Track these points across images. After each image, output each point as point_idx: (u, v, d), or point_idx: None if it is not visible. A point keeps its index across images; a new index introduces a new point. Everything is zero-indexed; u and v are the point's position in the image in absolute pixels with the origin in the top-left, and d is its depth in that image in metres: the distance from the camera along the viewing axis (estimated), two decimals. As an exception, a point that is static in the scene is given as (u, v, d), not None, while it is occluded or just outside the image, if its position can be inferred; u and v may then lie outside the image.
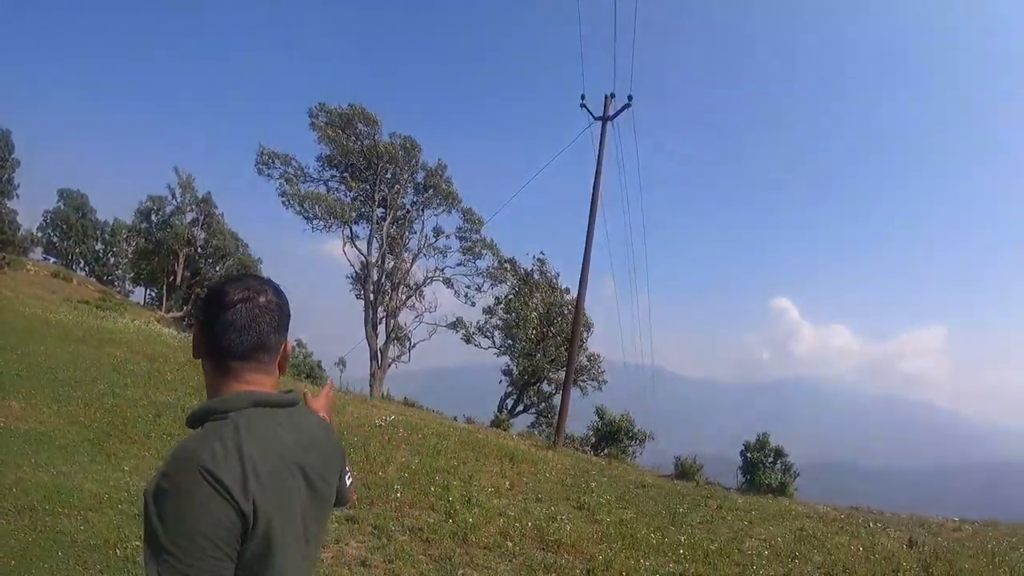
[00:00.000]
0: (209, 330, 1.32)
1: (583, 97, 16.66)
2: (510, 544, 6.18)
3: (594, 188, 16.24)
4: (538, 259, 30.39)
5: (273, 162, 30.35)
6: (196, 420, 1.28)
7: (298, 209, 29.36)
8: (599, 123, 16.69)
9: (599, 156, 16.27)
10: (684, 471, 15.07)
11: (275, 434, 1.27)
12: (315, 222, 29.71)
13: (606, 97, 16.57)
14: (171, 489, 1.12)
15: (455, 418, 19.90)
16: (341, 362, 30.69)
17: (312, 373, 26.85)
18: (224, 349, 1.30)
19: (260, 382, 1.32)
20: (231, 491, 1.13)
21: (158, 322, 27.89)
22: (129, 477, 6.36)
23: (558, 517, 7.47)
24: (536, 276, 29.97)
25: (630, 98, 16.45)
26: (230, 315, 1.29)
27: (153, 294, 51.08)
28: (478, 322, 31.20)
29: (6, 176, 38.54)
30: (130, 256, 52.89)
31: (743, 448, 15.57)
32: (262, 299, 1.32)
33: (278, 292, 1.38)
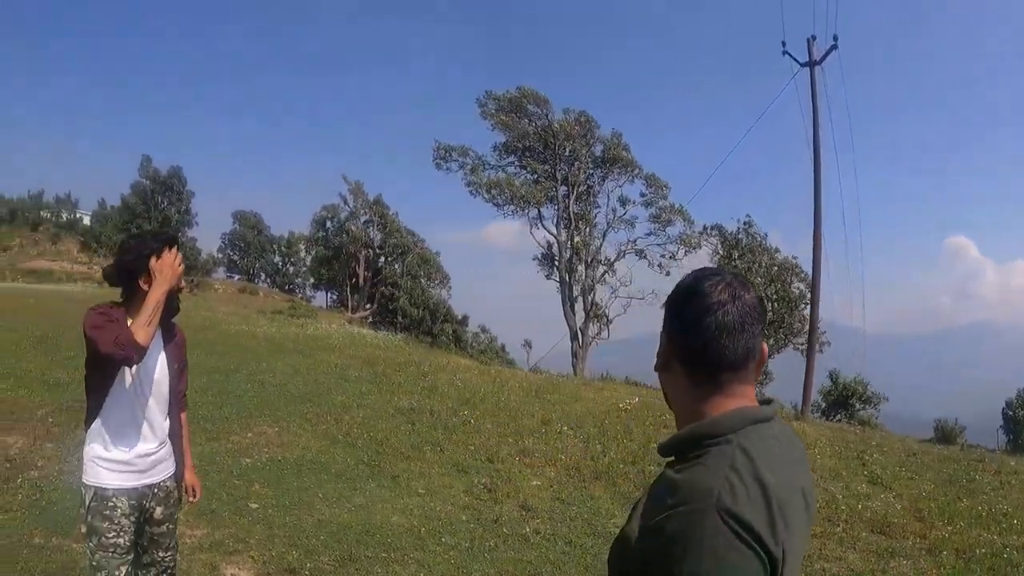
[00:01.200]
0: (692, 337, 1.15)
1: (784, 44, 16.51)
2: (839, 529, 6.18)
3: (814, 140, 15.88)
4: (744, 222, 29.22)
5: (450, 155, 32.12)
6: (682, 447, 1.13)
7: (486, 197, 30.73)
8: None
9: (814, 105, 16.12)
10: (945, 435, 15.60)
11: (779, 456, 1.10)
12: (505, 208, 30.97)
13: (809, 40, 16.28)
14: (684, 539, 0.97)
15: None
16: (527, 344, 31.77)
17: (499, 357, 26.60)
18: (713, 359, 1.13)
19: (747, 394, 1.17)
20: (762, 539, 0.97)
21: (349, 323, 29.51)
22: (430, 502, 6.10)
23: (868, 495, 7.39)
24: (744, 239, 28.75)
25: (836, 39, 16.16)
26: (719, 317, 1.12)
27: (334, 297, 54.13)
28: None
29: (184, 207, 45.62)
30: (309, 264, 58.18)
31: (1005, 406, 15.34)
32: (748, 296, 1.15)
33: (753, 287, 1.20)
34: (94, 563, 2.54)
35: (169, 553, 2.76)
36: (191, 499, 3.00)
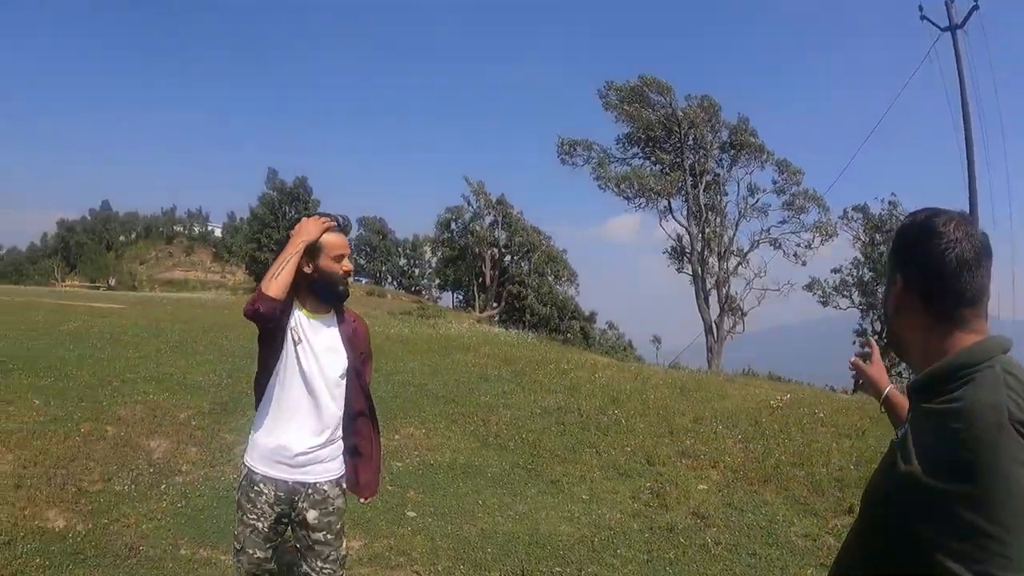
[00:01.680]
0: (934, 273, 1.21)
1: (921, 8, 16.23)
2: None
3: (963, 109, 15.39)
4: (889, 202, 28.95)
5: (575, 149, 32.64)
6: (936, 383, 1.18)
7: (615, 191, 31.09)
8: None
9: (959, 72, 15.70)
10: None
11: None
12: (635, 201, 31.38)
13: (947, 3, 16.04)
14: (985, 458, 1.02)
15: (831, 388, 17.81)
16: (656, 340, 32.76)
17: (627, 353, 26.93)
18: (954, 294, 1.20)
19: (985, 330, 1.22)
20: None
21: (478, 322, 30.07)
22: (596, 508, 5.90)
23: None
24: (890, 221, 28.27)
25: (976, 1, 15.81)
26: (958, 253, 1.18)
27: (460, 297, 57.39)
28: (829, 281, 31.50)
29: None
30: (435, 265, 61.76)
31: None
32: (977, 233, 1.20)
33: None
34: (235, 533, 2.62)
35: (329, 566, 2.63)
36: (360, 500, 2.89)
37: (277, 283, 2.38)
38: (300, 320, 2.60)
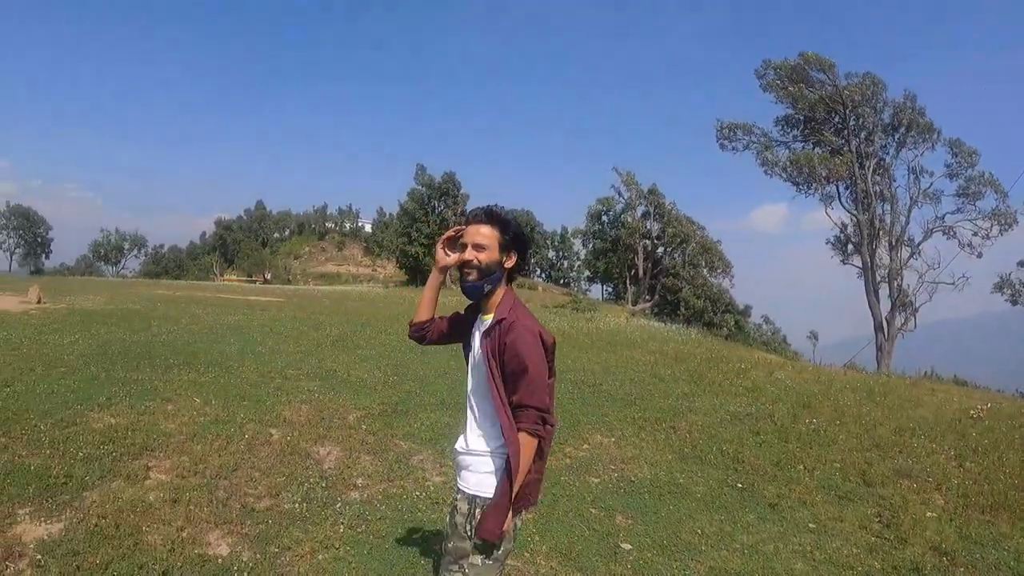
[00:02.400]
0: None
1: None
2: None
3: None
4: None
5: (735, 134, 32.37)
6: None
7: (783, 176, 30.55)
8: None
9: None
10: None
11: None
12: (804, 186, 30.64)
13: None
14: None
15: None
16: (813, 335, 32.75)
17: (779, 349, 25.91)
18: None
19: None
20: None
21: (632, 316, 29.78)
22: (827, 540, 5.20)
23: None
24: None
25: None
26: None
27: (609, 290, 57.95)
28: (1016, 277, 29.77)
29: (460, 210, 48.40)
30: (584, 257, 62.04)
31: None
32: None
33: None
34: None
35: None
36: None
37: (417, 309, 2.72)
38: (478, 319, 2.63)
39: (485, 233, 2.48)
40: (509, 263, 2.53)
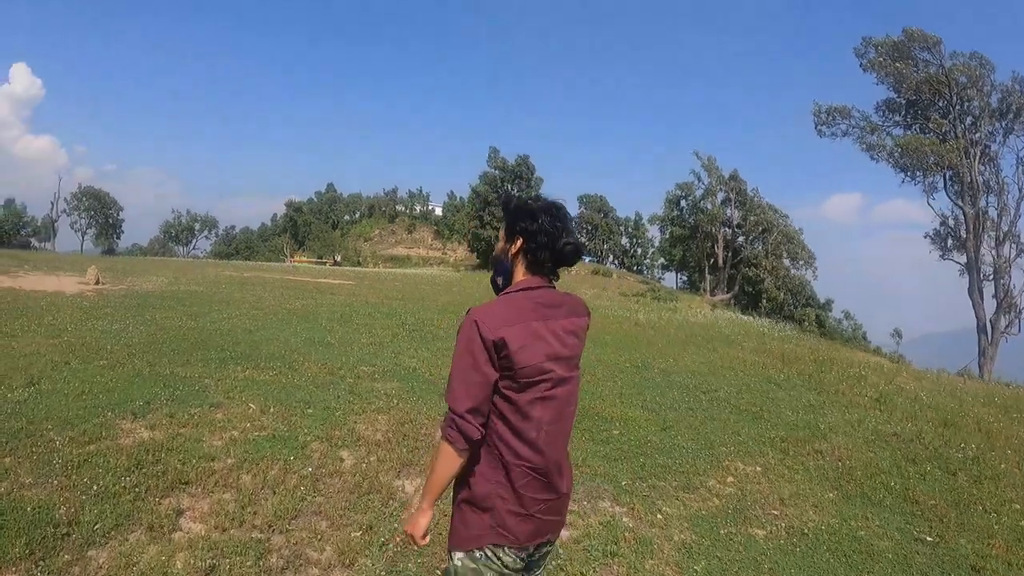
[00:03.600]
0: None
1: None
2: None
3: None
4: None
5: (834, 118, 31.48)
6: None
7: (892, 161, 29.60)
8: None
9: None
10: None
11: None
12: (911, 174, 29.66)
13: None
14: None
15: None
16: (896, 333, 32.50)
17: (865, 347, 26.00)
18: None
19: None
20: None
21: (713, 308, 28.92)
22: None
23: None
24: None
25: None
26: None
27: (684, 279, 56.93)
28: None
29: (534, 194, 47.39)
30: (659, 244, 61.03)
31: None
32: None
33: None
34: None
35: None
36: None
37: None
38: None
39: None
40: (514, 248, 2.17)
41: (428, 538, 2.16)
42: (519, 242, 2.16)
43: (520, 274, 2.17)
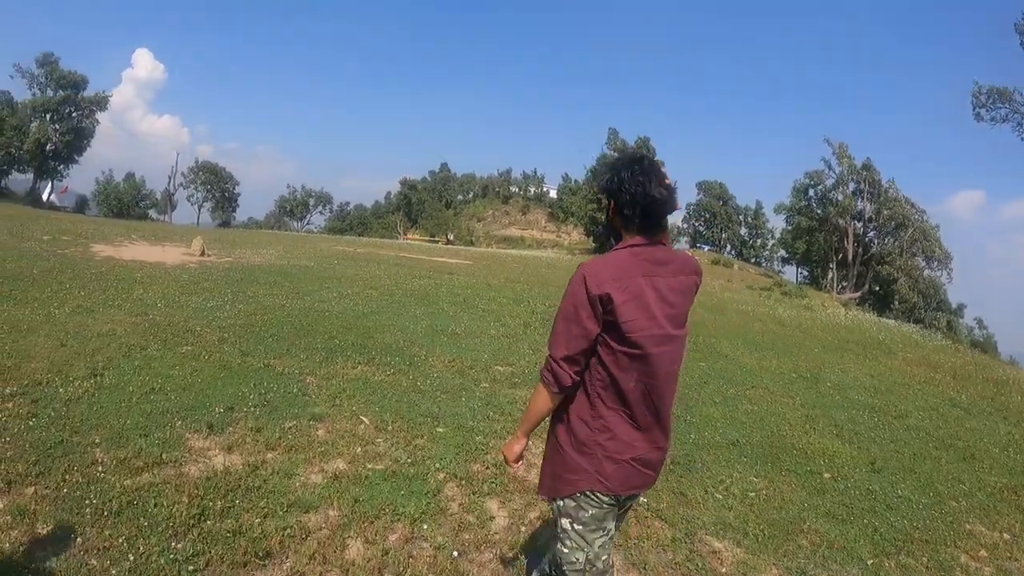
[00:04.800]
0: None
1: None
2: None
3: None
4: None
5: (994, 101, 29.40)
6: None
7: None
8: None
9: None
10: None
11: None
12: None
13: None
14: None
15: None
16: None
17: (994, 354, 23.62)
18: None
19: None
20: None
21: (844, 307, 27.00)
22: None
23: None
24: None
25: None
26: None
27: (805, 273, 54.78)
28: None
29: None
30: (780, 236, 58.96)
31: None
32: None
33: None
34: None
35: None
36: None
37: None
38: None
39: None
40: (611, 211, 2.21)
41: (522, 464, 2.68)
42: (611, 203, 2.18)
43: (625, 235, 2.17)
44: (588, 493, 2.14)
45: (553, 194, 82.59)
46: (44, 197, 48.65)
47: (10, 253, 10.55)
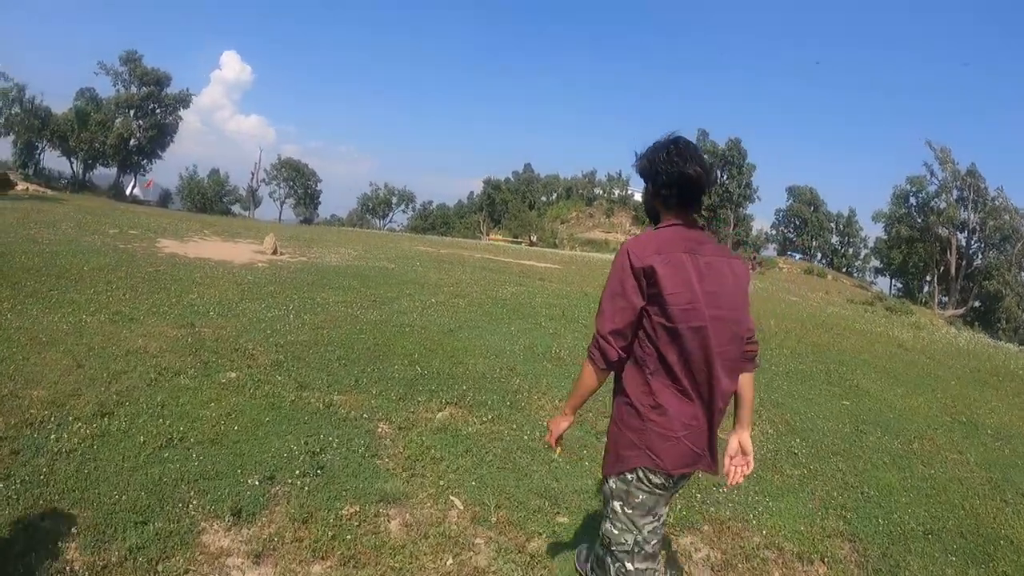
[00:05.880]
0: None
1: None
2: None
3: None
4: None
5: None
6: None
7: None
8: None
9: None
10: None
11: None
12: None
13: None
14: None
15: None
16: None
17: None
18: None
19: None
20: None
21: (952, 325, 25.73)
22: None
23: None
24: None
25: None
26: None
27: (900, 286, 52.83)
28: None
29: (744, 181, 46.83)
30: (874, 245, 58.01)
31: None
32: None
33: None
34: None
35: None
36: None
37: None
38: None
39: None
40: (650, 192, 2.30)
41: (561, 446, 2.41)
42: (649, 185, 2.26)
43: (664, 216, 2.25)
44: (641, 474, 2.15)
45: (637, 197, 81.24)
46: (128, 191, 50.07)
47: (67, 247, 9.80)
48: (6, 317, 5.83)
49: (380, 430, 4.18)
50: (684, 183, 2.14)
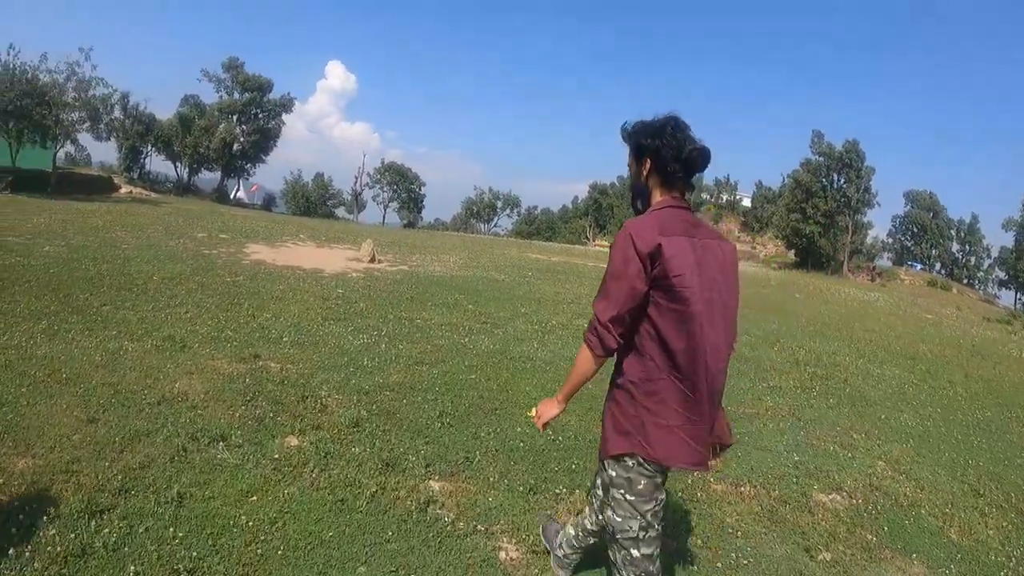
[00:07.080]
0: None
1: None
2: None
3: None
4: None
5: None
6: None
7: None
8: None
9: None
10: None
11: None
12: None
13: None
14: None
15: None
16: None
17: None
18: None
19: None
20: None
21: None
22: None
23: None
24: None
25: None
26: None
27: (1023, 300, 50.91)
28: None
29: (863, 186, 43.92)
30: (999, 254, 56.50)
31: None
32: None
33: None
34: None
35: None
36: None
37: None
38: None
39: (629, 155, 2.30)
40: (646, 170, 2.19)
41: (546, 431, 2.43)
42: (648, 162, 2.17)
43: (657, 194, 2.18)
44: (641, 459, 2.08)
45: (746, 202, 78.32)
46: (232, 195, 51.44)
47: (144, 253, 8.97)
48: (34, 341, 4.77)
49: (503, 558, 2.71)
50: (689, 157, 2.09)
